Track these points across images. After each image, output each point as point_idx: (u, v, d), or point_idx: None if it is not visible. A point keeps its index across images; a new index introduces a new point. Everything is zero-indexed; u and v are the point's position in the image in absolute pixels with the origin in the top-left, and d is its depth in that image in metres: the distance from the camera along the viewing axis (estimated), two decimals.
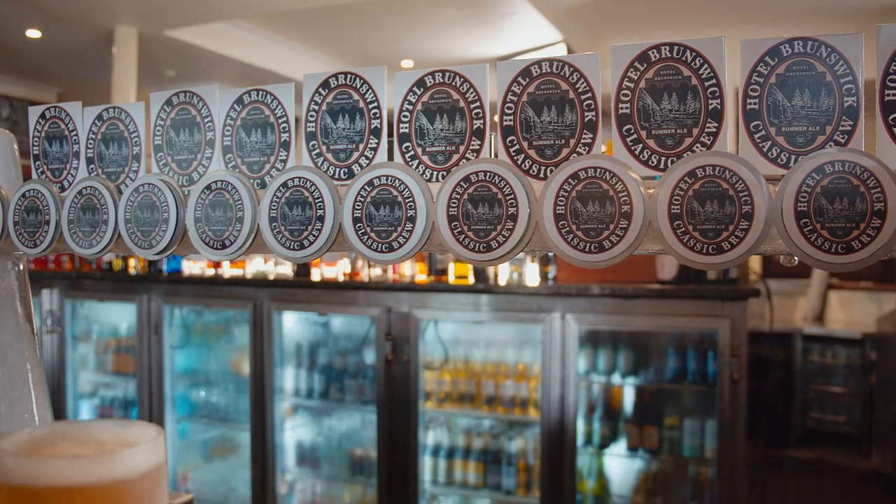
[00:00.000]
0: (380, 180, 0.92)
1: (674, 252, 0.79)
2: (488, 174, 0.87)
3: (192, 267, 4.82)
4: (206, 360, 5.04)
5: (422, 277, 4.22)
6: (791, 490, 5.87)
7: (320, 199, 0.94)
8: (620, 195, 0.81)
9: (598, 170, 0.82)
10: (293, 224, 0.96)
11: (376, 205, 0.91)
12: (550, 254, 3.75)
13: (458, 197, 0.87)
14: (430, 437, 4.21)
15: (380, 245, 0.91)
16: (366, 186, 0.92)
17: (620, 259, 0.81)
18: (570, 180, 0.83)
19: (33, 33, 9.03)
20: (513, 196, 0.85)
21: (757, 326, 6.31)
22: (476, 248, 0.87)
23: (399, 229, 0.90)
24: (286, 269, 4.62)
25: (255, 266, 4.72)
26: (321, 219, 0.94)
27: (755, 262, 6.06)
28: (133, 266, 5.01)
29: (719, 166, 0.78)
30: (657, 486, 3.89)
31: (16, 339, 1.37)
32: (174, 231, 1.05)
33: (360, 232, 0.92)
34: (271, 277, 4.45)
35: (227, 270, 4.73)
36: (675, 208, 0.79)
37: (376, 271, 4.34)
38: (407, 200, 0.90)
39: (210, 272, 4.74)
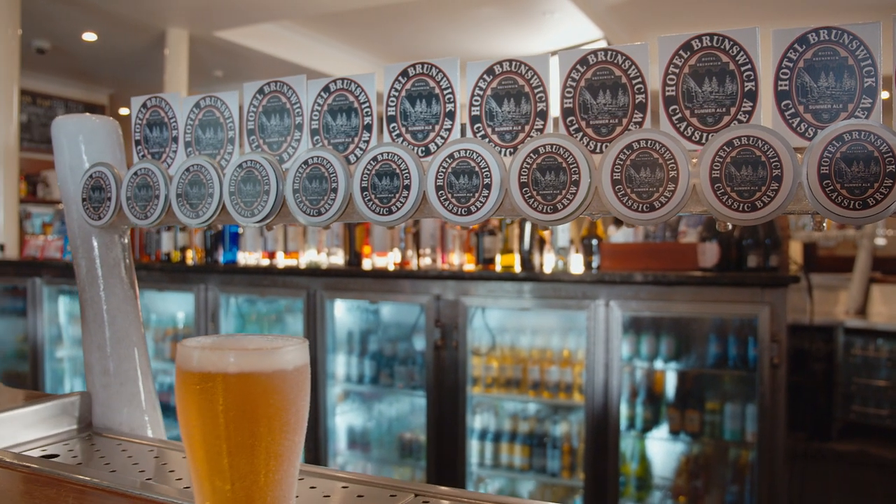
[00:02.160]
0: (459, 153, 1.06)
1: (714, 210, 0.92)
2: (554, 146, 1.01)
3: (248, 258, 5.01)
4: None
5: (469, 267, 4.35)
6: (833, 483, 5.90)
7: (406, 171, 1.09)
8: (668, 163, 0.95)
9: (649, 141, 0.96)
10: (382, 193, 1.11)
11: (456, 174, 1.06)
12: (595, 242, 3.87)
13: (529, 166, 1.02)
14: (478, 421, 4.34)
15: (459, 209, 1.05)
16: (447, 159, 1.07)
17: (669, 217, 0.95)
18: (624, 150, 0.97)
19: (90, 36, 9.37)
20: (575, 165, 0.99)
21: (798, 320, 6.34)
22: (544, 210, 1.01)
23: (476, 195, 1.04)
24: (338, 259, 4.79)
25: (309, 257, 4.90)
26: (407, 187, 1.09)
27: (797, 254, 6.09)
28: (190, 257, 5.22)
29: (753, 136, 0.91)
30: (698, 468, 3.99)
31: (122, 303, 1.53)
32: (274, 201, 1.21)
33: (441, 198, 1.06)
34: (324, 267, 4.60)
35: (282, 261, 4.91)
36: (716, 172, 0.92)
37: (426, 261, 4.49)
38: (483, 170, 1.04)
39: (265, 262, 4.93)
